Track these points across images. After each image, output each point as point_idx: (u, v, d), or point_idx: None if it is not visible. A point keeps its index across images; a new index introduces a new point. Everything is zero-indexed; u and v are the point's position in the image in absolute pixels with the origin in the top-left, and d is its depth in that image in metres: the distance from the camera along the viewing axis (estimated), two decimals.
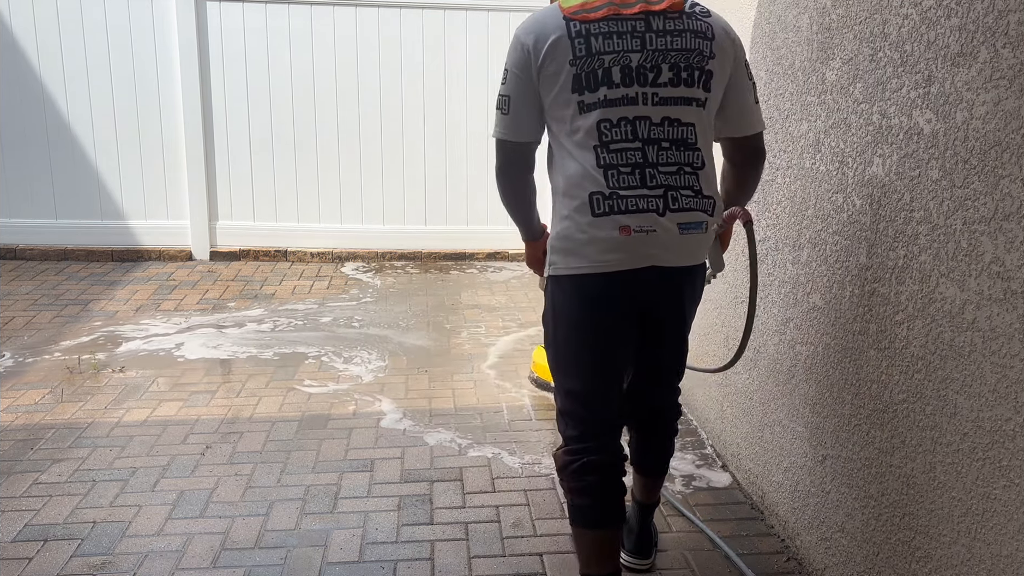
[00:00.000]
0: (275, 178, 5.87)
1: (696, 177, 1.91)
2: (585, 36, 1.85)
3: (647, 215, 1.85)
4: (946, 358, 1.73)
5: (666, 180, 1.87)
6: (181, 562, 2.39)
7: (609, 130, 1.86)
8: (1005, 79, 1.54)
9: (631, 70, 1.85)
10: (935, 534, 1.78)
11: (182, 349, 4.12)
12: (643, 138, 1.87)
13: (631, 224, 1.84)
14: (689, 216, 1.88)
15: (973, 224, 1.64)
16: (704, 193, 1.92)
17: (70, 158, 5.69)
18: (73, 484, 2.82)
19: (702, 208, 1.91)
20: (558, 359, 2.05)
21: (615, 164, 1.86)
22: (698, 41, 1.88)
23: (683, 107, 1.89)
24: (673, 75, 1.87)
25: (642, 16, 1.87)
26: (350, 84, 5.78)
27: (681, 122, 1.89)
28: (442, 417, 3.41)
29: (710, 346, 3.14)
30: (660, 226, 1.86)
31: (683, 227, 1.88)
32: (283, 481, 2.87)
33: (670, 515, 2.69)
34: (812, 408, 2.33)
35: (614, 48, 1.85)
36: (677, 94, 1.88)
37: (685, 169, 1.90)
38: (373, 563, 2.41)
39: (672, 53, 1.86)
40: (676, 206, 1.87)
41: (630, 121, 1.87)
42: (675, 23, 1.88)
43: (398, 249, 6.02)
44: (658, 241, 1.86)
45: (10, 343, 4.15)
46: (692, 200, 1.89)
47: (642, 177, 1.86)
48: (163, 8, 5.53)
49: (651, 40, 1.86)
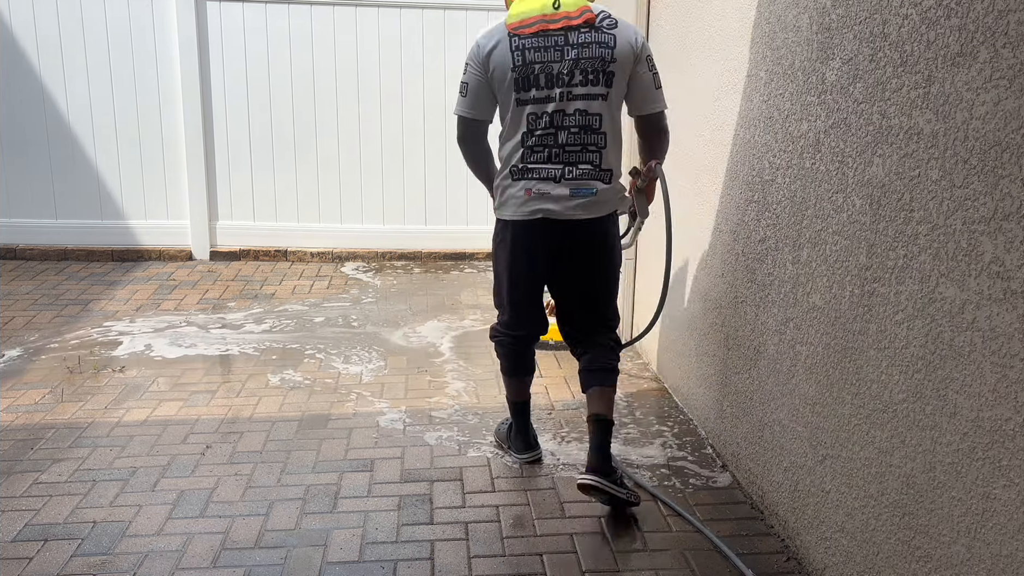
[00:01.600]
0: (275, 178, 5.87)
1: (599, 155, 2.65)
2: (521, 49, 2.60)
3: (546, 182, 2.65)
4: (946, 358, 1.73)
5: (568, 158, 2.64)
6: (181, 562, 2.40)
7: (534, 120, 2.64)
8: (1005, 79, 1.54)
9: (553, 76, 2.60)
10: (935, 534, 1.78)
11: (182, 349, 4.12)
12: (557, 125, 2.62)
13: (532, 188, 2.67)
14: (580, 183, 2.64)
15: (973, 224, 1.64)
16: (603, 167, 2.66)
17: (70, 158, 5.69)
18: (73, 484, 2.82)
19: (598, 178, 2.66)
20: (496, 272, 2.91)
21: (533, 145, 2.65)
22: (602, 50, 2.59)
23: (591, 101, 2.61)
24: (583, 77, 2.59)
25: (563, 31, 2.58)
26: (350, 84, 5.78)
27: (588, 112, 2.62)
28: (442, 416, 3.41)
29: (710, 346, 3.14)
30: (556, 190, 2.65)
31: (574, 191, 2.64)
32: (283, 481, 2.87)
33: (670, 515, 2.69)
34: (812, 408, 2.33)
35: (541, 59, 2.59)
36: (586, 92, 2.60)
37: (589, 148, 2.64)
38: (373, 563, 2.41)
39: (583, 61, 2.58)
40: (571, 176, 2.64)
41: (550, 114, 2.62)
42: (587, 36, 2.58)
43: (398, 249, 6.02)
44: (551, 199, 2.65)
45: (10, 343, 4.15)
46: (588, 171, 2.65)
47: (549, 155, 2.65)
48: (163, 7, 5.54)
49: (568, 52, 2.58)
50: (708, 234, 3.16)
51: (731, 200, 2.92)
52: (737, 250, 2.87)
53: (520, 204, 2.68)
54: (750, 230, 2.75)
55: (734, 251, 2.89)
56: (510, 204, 2.71)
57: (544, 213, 2.65)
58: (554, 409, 3.50)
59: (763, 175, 2.64)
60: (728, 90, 2.93)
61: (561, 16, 2.57)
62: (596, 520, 2.66)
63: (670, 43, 3.59)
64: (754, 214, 2.71)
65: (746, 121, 2.78)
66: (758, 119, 2.67)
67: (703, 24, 3.19)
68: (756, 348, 2.71)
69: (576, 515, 2.68)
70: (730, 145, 2.92)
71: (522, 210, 2.68)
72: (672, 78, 3.56)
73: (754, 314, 2.72)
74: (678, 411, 3.49)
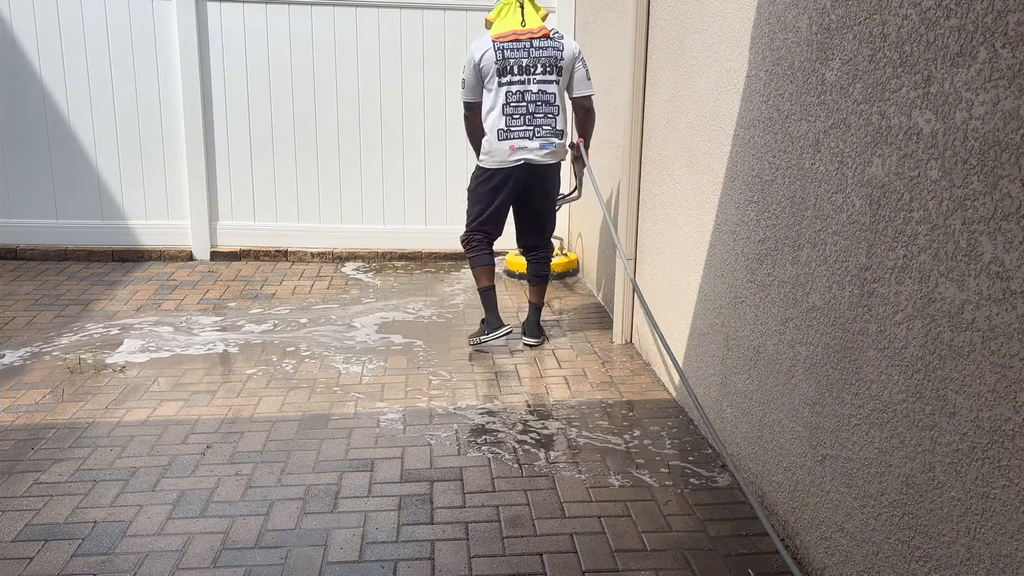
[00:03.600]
0: (275, 178, 5.88)
1: (555, 120, 4.08)
2: (502, 50, 4.02)
3: (523, 140, 4.04)
4: (945, 358, 1.73)
5: (535, 122, 4.04)
6: (181, 562, 2.40)
7: (509, 95, 4.03)
8: (1004, 79, 1.55)
9: (523, 67, 4.02)
10: (934, 534, 1.78)
11: (182, 349, 4.12)
12: (527, 100, 4.03)
13: (516, 144, 4.03)
14: (545, 139, 4.05)
15: (972, 224, 1.64)
16: (557, 128, 4.08)
17: (71, 158, 5.69)
18: (74, 484, 2.82)
19: (555, 135, 4.08)
20: (472, 200, 4.22)
21: (511, 114, 4.03)
22: (555, 52, 4.04)
23: (548, 84, 4.05)
24: (542, 69, 4.03)
25: (528, 40, 4.03)
26: (350, 84, 5.78)
27: (546, 92, 4.05)
28: (442, 416, 3.41)
29: (710, 346, 3.15)
30: (530, 144, 4.04)
31: (542, 144, 4.05)
32: (283, 481, 2.87)
33: (670, 515, 2.69)
34: (812, 408, 2.33)
35: (515, 57, 4.01)
36: (545, 78, 4.04)
37: (548, 115, 4.06)
38: (373, 563, 2.42)
39: (542, 59, 4.02)
40: (540, 134, 4.04)
41: (521, 93, 4.03)
42: (544, 43, 4.04)
43: (399, 249, 6.02)
44: (527, 150, 4.03)
45: (11, 343, 4.15)
46: (549, 131, 4.06)
47: (524, 121, 4.03)
48: (163, 8, 5.54)
49: (532, 52, 4.02)
50: (708, 234, 3.16)
51: (731, 200, 2.93)
52: (737, 250, 2.87)
53: (507, 155, 4.04)
54: (750, 230, 2.75)
55: (734, 251, 2.90)
56: (498, 155, 4.05)
57: (525, 160, 4.04)
58: (550, 412, 3.50)
59: (763, 175, 2.64)
60: (728, 91, 2.94)
61: (527, 31, 4.03)
62: (596, 520, 2.66)
63: (670, 44, 3.60)
64: (754, 214, 2.72)
65: (746, 121, 2.78)
66: (758, 119, 2.67)
67: (703, 25, 3.19)
68: (756, 348, 2.71)
69: (576, 515, 2.68)
70: (730, 145, 2.92)
71: (510, 159, 4.04)
72: (672, 79, 3.57)
73: (754, 314, 2.72)
74: (678, 411, 3.49)
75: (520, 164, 4.01)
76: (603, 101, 4.70)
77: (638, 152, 4.04)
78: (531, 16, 4.06)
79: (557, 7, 5.80)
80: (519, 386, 3.75)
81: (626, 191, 4.12)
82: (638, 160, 4.05)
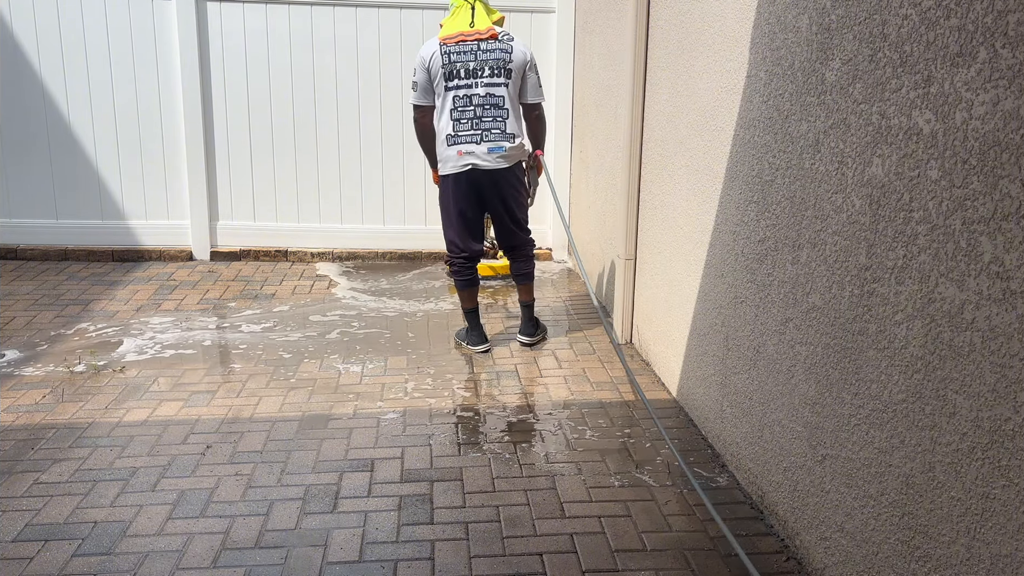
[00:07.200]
0: (275, 178, 5.88)
1: (504, 123, 3.94)
2: (448, 53, 3.91)
3: (470, 144, 3.93)
4: (945, 358, 1.73)
5: (483, 126, 3.93)
6: (181, 562, 2.40)
7: (457, 101, 3.93)
8: (1004, 79, 1.55)
9: (469, 70, 3.91)
10: (934, 534, 1.78)
11: (182, 349, 4.12)
12: (475, 104, 3.92)
13: (462, 149, 3.93)
14: (493, 143, 3.93)
15: (972, 224, 1.64)
16: (507, 132, 3.95)
17: (71, 158, 5.69)
18: (74, 484, 2.82)
19: (505, 139, 3.95)
20: (444, 217, 4.15)
21: (459, 119, 3.93)
22: (503, 55, 3.93)
23: (496, 87, 3.94)
24: (490, 71, 3.92)
25: (475, 41, 3.92)
26: (350, 84, 5.78)
27: (494, 95, 3.94)
28: (442, 416, 3.41)
29: (710, 346, 3.15)
30: (477, 149, 3.93)
31: (490, 149, 3.93)
32: (283, 481, 2.87)
33: (670, 515, 2.69)
34: (812, 408, 2.33)
35: (462, 60, 3.91)
36: (492, 81, 3.93)
37: (497, 119, 3.94)
38: (373, 563, 2.42)
39: (490, 61, 3.92)
40: (488, 139, 3.93)
41: (468, 97, 3.93)
42: (492, 45, 3.93)
43: (399, 249, 6.02)
44: (475, 156, 3.93)
45: (11, 343, 4.15)
46: (498, 135, 3.94)
47: (471, 126, 3.93)
48: (163, 8, 5.54)
49: (479, 55, 3.91)
50: (708, 234, 3.16)
51: (731, 200, 2.93)
52: (737, 250, 2.87)
53: (456, 160, 3.95)
54: (750, 230, 2.75)
55: (734, 251, 2.90)
56: (448, 162, 3.97)
57: (472, 165, 3.94)
58: (552, 412, 3.50)
59: (763, 175, 2.64)
60: (728, 91, 2.94)
61: (474, 32, 3.92)
62: (596, 520, 2.66)
63: (670, 44, 3.60)
64: (754, 214, 2.72)
65: (746, 121, 2.78)
66: (758, 119, 2.67)
67: (703, 25, 3.19)
68: (756, 348, 2.71)
69: (576, 515, 2.68)
70: (730, 145, 2.92)
71: (457, 164, 3.95)
72: (672, 79, 3.57)
73: (754, 314, 2.72)
74: (678, 411, 3.49)
75: (468, 169, 3.91)
76: (603, 101, 4.70)
77: (638, 152, 4.04)
78: (481, 18, 3.93)
79: (557, 7, 5.80)
80: (519, 386, 3.75)
81: (626, 191, 4.12)
82: (638, 160, 4.05)
